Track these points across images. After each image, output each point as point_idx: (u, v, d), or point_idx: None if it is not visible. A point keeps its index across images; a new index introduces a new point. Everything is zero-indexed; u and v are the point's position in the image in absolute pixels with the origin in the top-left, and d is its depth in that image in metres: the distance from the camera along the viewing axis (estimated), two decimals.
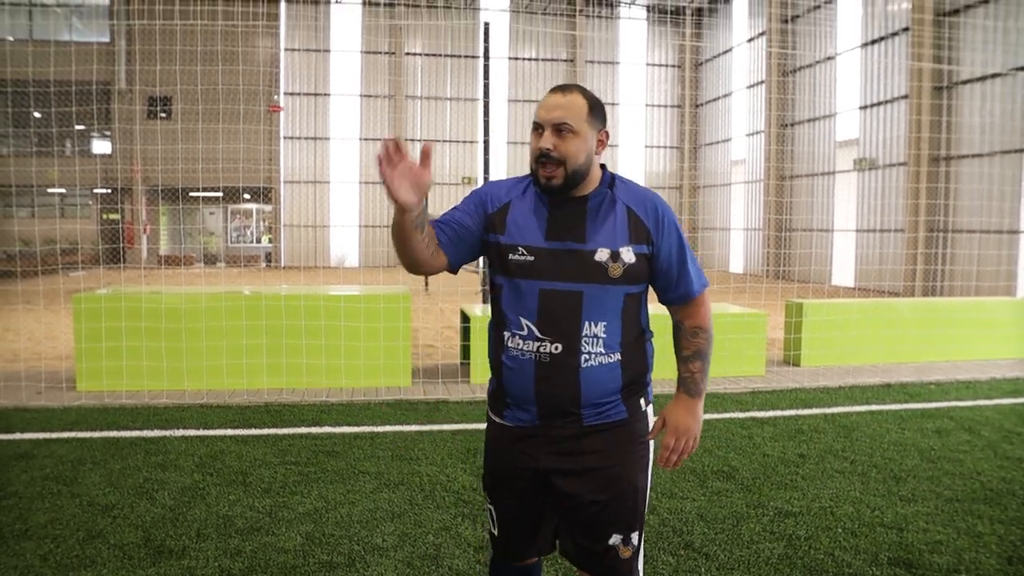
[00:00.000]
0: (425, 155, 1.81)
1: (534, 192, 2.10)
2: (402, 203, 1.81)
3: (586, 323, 2.01)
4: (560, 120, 1.98)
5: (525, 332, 2.02)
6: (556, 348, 2.01)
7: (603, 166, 2.12)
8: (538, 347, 2.02)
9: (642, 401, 2.13)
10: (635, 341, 2.09)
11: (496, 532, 2.20)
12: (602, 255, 2.01)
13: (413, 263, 2.01)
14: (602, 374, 2.02)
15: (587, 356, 2.01)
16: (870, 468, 4.79)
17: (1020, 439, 5.47)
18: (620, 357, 2.05)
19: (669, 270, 2.10)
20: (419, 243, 1.95)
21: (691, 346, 2.16)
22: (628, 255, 2.02)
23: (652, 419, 2.18)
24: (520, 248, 2.04)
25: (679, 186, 31.33)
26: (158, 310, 6.73)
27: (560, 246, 2.02)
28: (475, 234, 2.10)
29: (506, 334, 2.07)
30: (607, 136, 2.08)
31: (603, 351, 2.02)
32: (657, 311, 2.30)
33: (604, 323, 2.02)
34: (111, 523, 3.78)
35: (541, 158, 2.00)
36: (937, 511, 4.06)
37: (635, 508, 2.10)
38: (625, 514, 2.08)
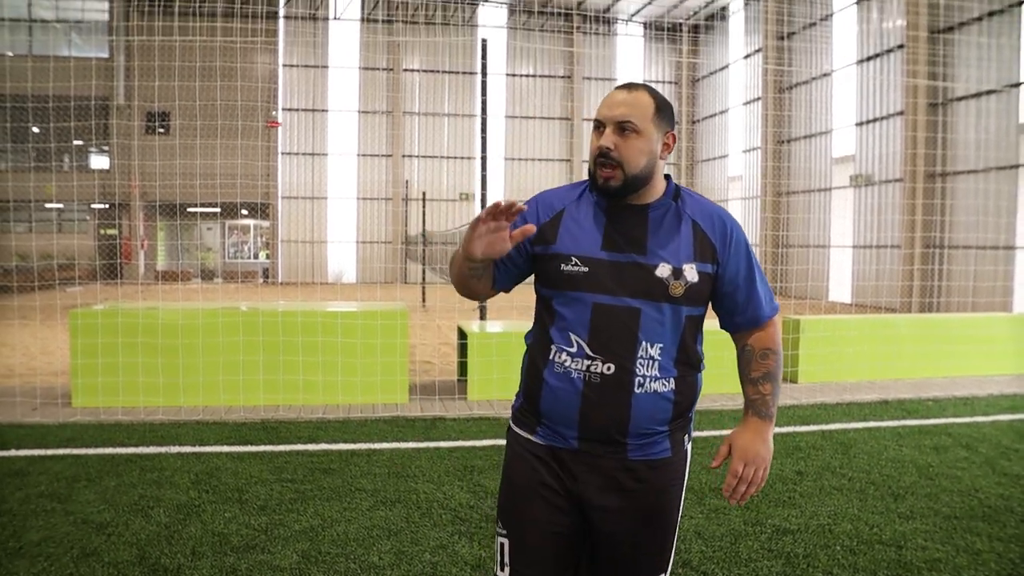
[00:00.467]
0: (520, 233, 1.79)
1: (590, 198, 1.97)
2: (468, 252, 1.80)
3: (643, 343, 1.86)
4: (623, 118, 1.85)
5: (574, 349, 1.88)
6: (608, 368, 1.85)
7: (667, 176, 1.99)
8: (588, 366, 1.86)
9: (685, 438, 1.99)
10: (690, 369, 1.95)
11: (507, 572, 1.97)
12: (663, 271, 1.87)
13: (466, 294, 2.03)
14: (654, 402, 1.88)
15: (641, 380, 1.86)
16: (868, 485, 4.78)
17: (1018, 456, 5.46)
18: (674, 385, 1.91)
19: (735, 293, 1.96)
20: (474, 283, 1.95)
21: (761, 368, 1.99)
22: (691, 273, 1.88)
23: (690, 457, 2.05)
24: (574, 258, 1.89)
25: None
26: (155, 326, 6.72)
27: (619, 257, 1.88)
28: (520, 265, 1.99)
29: (552, 348, 1.91)
30: (674, 140, 1.94)
31: (658, 375, 1.88)
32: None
33: (661, 345, 1.88)
34: (105, 541, 3.76)
35: (600, 158, 1.86)
36: (935, 528, 4.05)
37: (664, 551, 1.99)
38: (654, 557, 1.97)
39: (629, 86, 1.91)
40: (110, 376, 6.62)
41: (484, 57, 8.78)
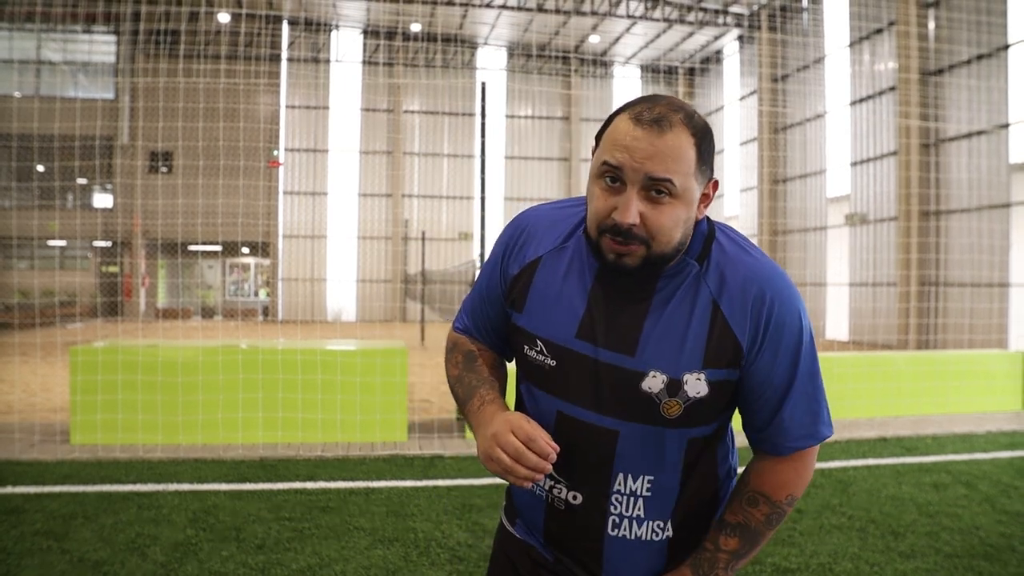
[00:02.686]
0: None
1: (580, 246, 1.37)
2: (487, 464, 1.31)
3: (619, 475, 1.35)
4: (659, 175, 1.20)
5: None
6: (575, 498, 1.38)
7: (700, 220, 1.36)
8: (552, 487, 1.40)
9: None
10: (708, 504, 1.42)
11: None
12: (653, 383, 1.29)
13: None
14: (637, 549, 1.38)
15: (617, 519, 1.36)
16: (868, 523, 4.76)
17: (1018, 493, 5.45)
18: (672, 533, 1.39)
19: (756, 405, 1.35)
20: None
21: (740, 514, 1.37)
22: (696, 386, 1.29)
23: None
24: (539, 342, 1.36)
25: None
26: (155, 363, 6.74)
27: (596, 354, 1.31)
28: (505, 323, 1.51)
29: None
30: (715, 188, 1.31)
31: (644, 516, 1.37)
32: None
33: (651, 478, 1.35)
34: None
35: (617, 234, 1.23)
36: (937, 567, 4.03)
37: None
38: None
39: (659, 120, 1.20)
40: (109, 413, 6.62)
41: (483, 99, 8.93)
